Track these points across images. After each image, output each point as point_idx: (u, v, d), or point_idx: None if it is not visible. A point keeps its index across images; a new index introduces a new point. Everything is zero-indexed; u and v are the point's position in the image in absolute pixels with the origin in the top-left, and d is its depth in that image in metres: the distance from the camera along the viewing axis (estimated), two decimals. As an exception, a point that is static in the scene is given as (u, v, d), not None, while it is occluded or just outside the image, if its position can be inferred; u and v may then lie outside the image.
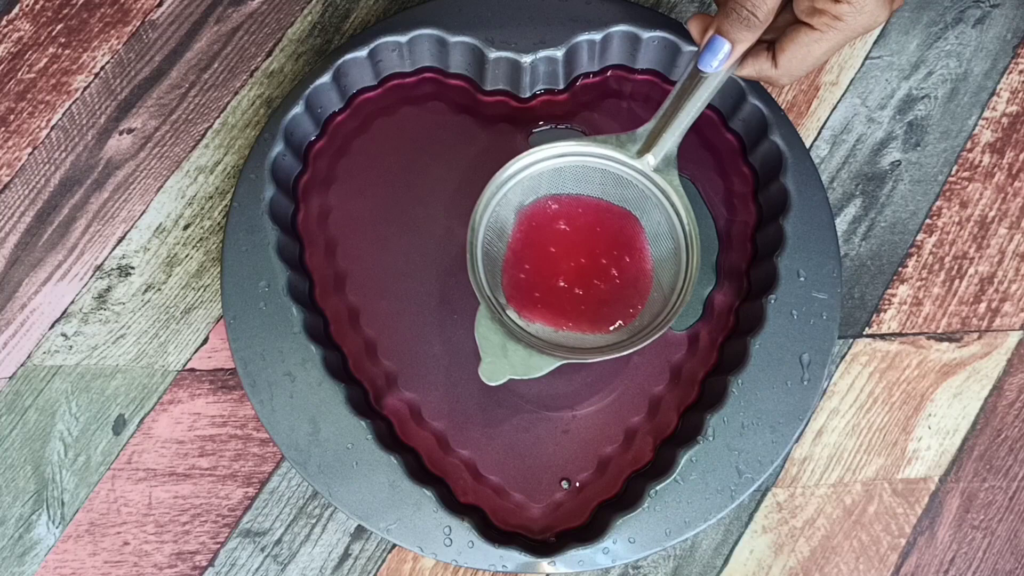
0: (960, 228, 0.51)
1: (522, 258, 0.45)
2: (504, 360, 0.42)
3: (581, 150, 0.44)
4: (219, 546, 0.47)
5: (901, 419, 0.48)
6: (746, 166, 0.49)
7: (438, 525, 0.44)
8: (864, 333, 0.49)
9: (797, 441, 0.48)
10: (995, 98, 0.52)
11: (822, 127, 0.52)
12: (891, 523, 0.47)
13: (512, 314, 0.44)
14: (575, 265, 0.45)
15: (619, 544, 0.44)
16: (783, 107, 0.51)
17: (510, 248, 0.45)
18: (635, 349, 0.42)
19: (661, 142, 0.43)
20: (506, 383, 0.42)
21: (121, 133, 0.52)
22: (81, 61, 0.52)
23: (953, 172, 0.51)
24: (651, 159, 0.44)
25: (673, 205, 0.44)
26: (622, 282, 0.45)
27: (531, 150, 0.44)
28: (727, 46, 0.40)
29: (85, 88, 0.52)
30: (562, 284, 0.44)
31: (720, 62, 0.41)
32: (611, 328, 0.44)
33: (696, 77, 0.42)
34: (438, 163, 0.50)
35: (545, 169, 0.44)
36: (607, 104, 0.50)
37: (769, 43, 0.41)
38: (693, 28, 0.41)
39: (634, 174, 0.44)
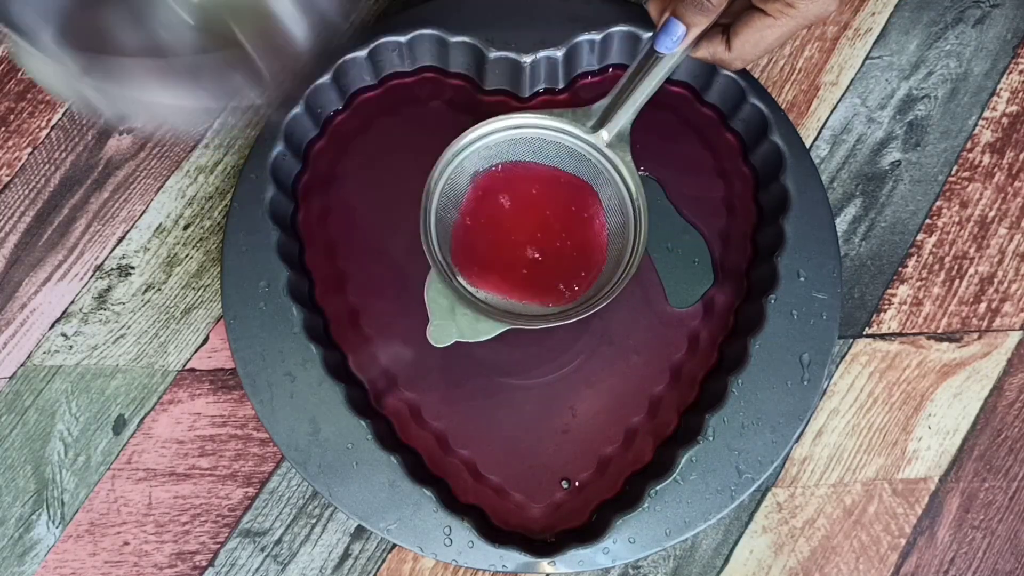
0: (960, 228, 0.51)
1: (472, 226, 0.45)
2: (452, 323, 0.43)
3: (537, 122, 0.45)
4: (219, 546, 0.47)
5: (901, 419, 0.48)
6: (746, 166, 0.49)
7: (438, 525, 0.44)
8: (864, 333, 0.49)
9: (797, 441, 0.48)
10: (995, 98, 0.52)
11: (822, 127, 0.52)
12: (891, 523, 0.47)
13: (462, 280, 0.44)
14: (525, 236, 0.45)
15: (619, 544, 0.44)
16: (783, 107, 0.51)
17: (461, 215, 0.45)
18: (579, 318, 0.42)
19: (616, 118, 0.44)
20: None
21: (121, 133, 0.52)
22: (81, 61, 0.52)
23: (953, 172, 0.51)
24: (605, 134, 0.44)
25: (624, 181, 0.44)
26: (572, 254, 0.45)
27: (488, 120, 0.44)
28: (682, 29, 0.42)
29: (85, 88, 0.52)
30: (511, 254, 0.45)
31: (675, 43, 0.42)
32: (559, 299, 0.44)
33: (652, 57, 0.43)
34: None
35: (502, 140, 0.45)
36: (607, 104, 0.50)
37: (725, 27, 0.43)
38: (652, 10, 0.44)
39: (588, 148, 0.45)
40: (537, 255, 0.45)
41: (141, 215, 0.51)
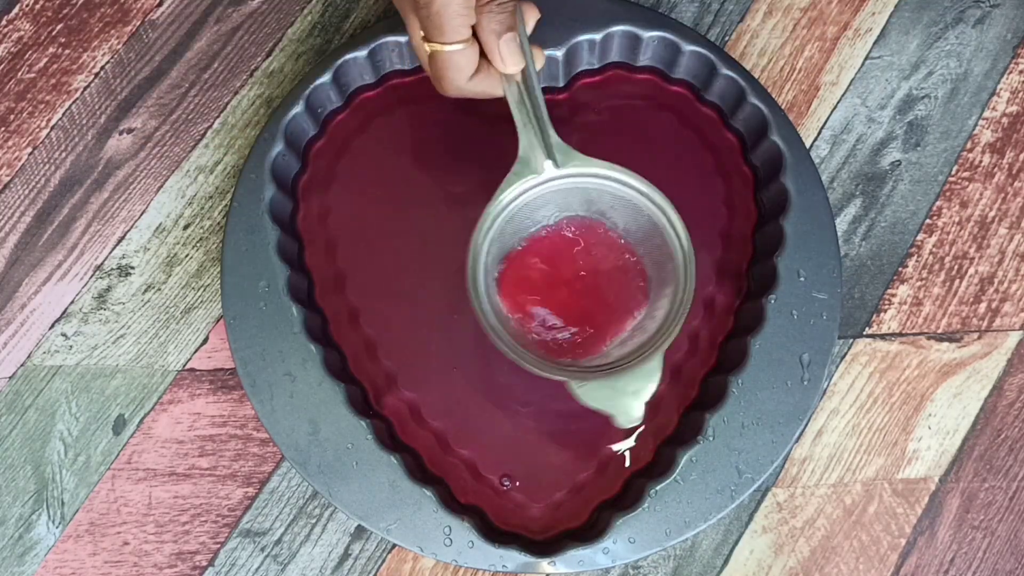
0: (960, 228, 0.51)
1: (542, 317, 0.45)
2: (625, 397, 0.41)
3: (505, 201, 0.43)
4: (219, 546, 0.47)
5: (901, 419, 0.48)
6: (746, 166, 0.49)
7: (438, 525, 0.44)
8: (864, 333, 0.49)
9: (797, 441, 0.48)
10: (995, 98, 0.52)
11: (822, 127, 0.52)
12: (891, 523, 0.47)
13: (577, 364, 0.43)
14: (587, 292, 0.45)
15: (619, 544, 0.44)
16: (783, 107, 0.51)
17: (517, 322, 0.45)
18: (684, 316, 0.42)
19: (546, 144, 0.43)
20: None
21: (121, 133, 0.52)
22: (81, 61, 0.52)
23: (953, 172, 0.51)
24: (550, 164, 0.43)
25: (605, 176, 0.43)
26: (618, 274, 0.45)
27: (474, 237, 0.42)
28: (511, 38, 0.41)
29: (85, 88, 0.52)
30: (587, 312, 0.45)
31: (517, 55, 0.42)
32: (633, 318, 0.44)
33: (512, 81, 0.43)
34: (438, 162, 0.50)
35: (493, 235, 0.43)
36: (607, 103, 0.50)
37: None
38: (468, 58, 0.42)
39: (561, 182, 0.44)
40: (596, 297, 0.45)
41: (141, 215, 0.51)
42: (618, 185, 0.43)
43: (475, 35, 0.42)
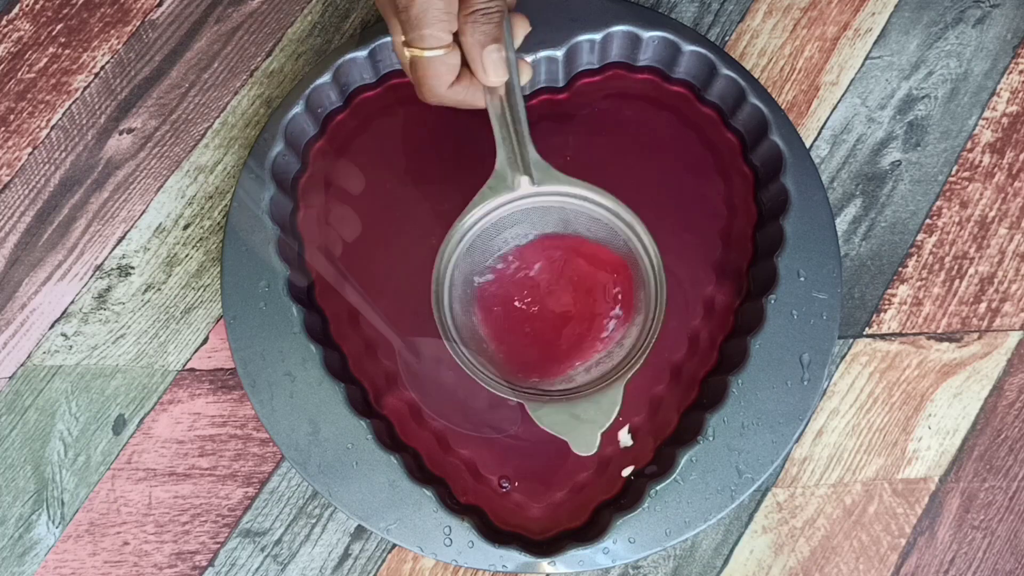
0: (960, 228, 0.51)
1: (512, 336, 0.44)
2: (583, 424, 0.41)
3: (477, 216, 0.43)
4: (219, 546, 0.47)
5: (901, 419, 0.48)
6: (746, 166, 0.49)
7: (438, 525, 0.44)
8: (864, 333, 0.49)
9: (797, 441, 0.48)
10: (995, 98, 0.52)
11: (822, 127, 0.52)
12: (891, 523, 0.47)
13: (540, 386, 0.43)
14: (556, 314, 0.45)
15: (619, 544, 0.44)
16: (783, 107, 0.51)
17: (492, 338, 0.44)
18: (655, 332, 0.41)
19: (523, 160, 0.43)
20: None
21: (121, 133, 0.52)
22: (81, 61, 0.52)
23: (953, 172, 0.51)
24: (526, 180, 0.43)
25: (582, 197, 0.43)
26: (590, 297, 0.45)
27: (441, 249, 0.42)
28: (496, 49, 0.40)
29: (85, 88, 0.52)
30: (556, 335, 0.45)
31: (502, 66, 0.41)
32: (602, 344, 0.44)
33: (495, 93, 0.42)
34: (438, 163, 0.50)
35: (462, 250, 0.43)
36: (607, 103, 0.50)
37: None
38: (446, 69, 0.41)
39: (537, 200, 0.43)
40: (573, 325, 0.44)
41: (141, 215, 0.51)
42: (595, 207, 0.43)
43: (459, 43, 0.41)
